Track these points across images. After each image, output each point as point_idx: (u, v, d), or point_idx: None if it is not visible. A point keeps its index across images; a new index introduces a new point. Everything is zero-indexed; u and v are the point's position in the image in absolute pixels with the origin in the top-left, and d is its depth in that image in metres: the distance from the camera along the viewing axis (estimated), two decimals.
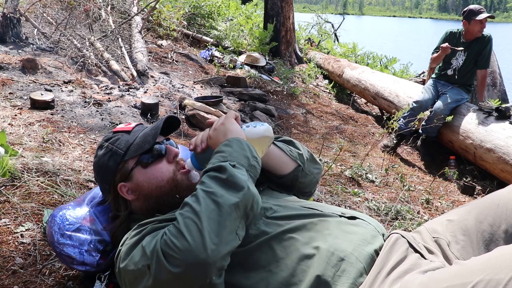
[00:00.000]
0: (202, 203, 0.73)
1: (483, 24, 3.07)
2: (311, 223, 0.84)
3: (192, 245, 0.68)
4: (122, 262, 0.79)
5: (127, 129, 0.99)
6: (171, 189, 0.94)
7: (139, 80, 3.55)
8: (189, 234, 0.68)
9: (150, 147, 0.94)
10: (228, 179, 0.76)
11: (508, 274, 0.59)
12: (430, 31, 29.52)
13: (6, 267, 1.13)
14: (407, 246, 0.81)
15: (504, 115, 2.75)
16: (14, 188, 1.48)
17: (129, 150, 0.95)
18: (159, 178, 0.94)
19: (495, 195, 0.90)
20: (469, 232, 0.85)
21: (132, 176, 0.95)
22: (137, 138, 0.96)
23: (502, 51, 10.44)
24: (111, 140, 0.98)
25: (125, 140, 0.96)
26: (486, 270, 0.62)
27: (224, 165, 0.78)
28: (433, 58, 3.29)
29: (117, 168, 0.95)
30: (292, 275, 0.76)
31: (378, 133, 3.38)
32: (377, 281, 0.75)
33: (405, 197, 2.19)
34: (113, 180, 0.96)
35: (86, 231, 1.02)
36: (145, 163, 0.94)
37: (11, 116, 2.25)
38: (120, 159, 0.95)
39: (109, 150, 0.96)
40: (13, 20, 3.58)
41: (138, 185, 0.95)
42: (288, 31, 6.21)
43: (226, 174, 0.76)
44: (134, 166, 0.94)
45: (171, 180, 0.95)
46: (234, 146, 0.83)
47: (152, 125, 1.00)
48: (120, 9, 5.13)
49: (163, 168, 0.95)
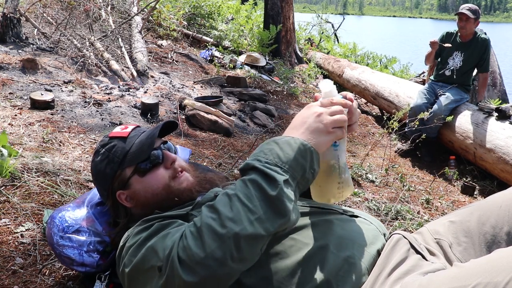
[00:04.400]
0: (234, 216, 0.64)
1: (461, 22, 3.09)
2: (314, 223, 0.84)
3: (212, 260, 0.63)
4: (128, 261, 0.77)
5: (123, 135, 0.96)
6: (168, 195, 0.93)
7: (139, 80, 3.55)
8: (211, 247, 0.63)
9: (146, 157, 0.93)
10: (275, 200, 0.65)
11: (506, 277, 0.59)
12: (430, 31, 29.51)
13: (6, 267, 1.13)
14: (408, 247, 0.81)
15: (504, 115, 2.75)
16: (14, 188, 1.48)
17: (126, 159, 0.93)
18: (154, 186, 0.93)
19: (498, 196, 0.89)
20: (471, 234, 0.84)
21: (130, 184, 0.94)
22: (133, 146, 0.94)
23: (502, 51, 10.45)
24: (107, 147, 0.96)
25: (121, 147, 0.94)
26: (484, 273, 0.62)
27: (277, 178, 0.66)
28: (426, 55, 3.34)
29: (115, 176, 0.94)
30: (294, 275, 0.75)
31: (378, 133, 3.38)
32: (378, 282, 0.74)
33: (405, 197, 2.19)
34: (111, 187, 0.96)
35: (86, 232, 1.02)
36: (142, 172, 0.93)
37: (11, 116, 2.25)
38: (117, 167, 0.93)
39: (106, 157, 0.95)
40: (13, 20, 3.58)
41: (135, 193, 0.94)
42: (288, 31, 6.21)
43: (275, 191, 0.65)
44: (132, 175, 0.93)
45: (167, 187, 0.93)
46: (297, 150, 0.70)
47: (148, 131, 0.97)
48: (120, 9, 5.12)
49: (159, 175, 0.93)
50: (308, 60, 6.42)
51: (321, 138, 0.73)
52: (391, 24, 53.23)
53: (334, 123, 0.74)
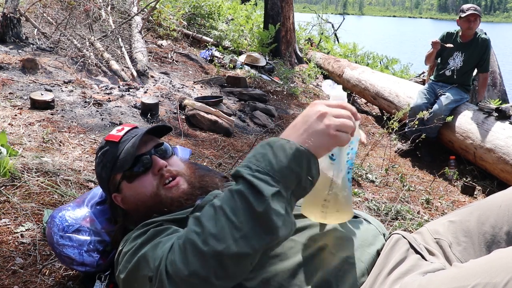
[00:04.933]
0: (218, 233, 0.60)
1: (470, 23, 3.08)
2: (313, 224, 0.84)
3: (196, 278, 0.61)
4: (123, 268, 0.77)
5: (115, 140, 0.96)
6: (156, 204, 0.91)
7: (139, 80, 3.56)
8: (194, 265, 0.61)
9: (130, 165, 0.92)
10: (262, 216, 0.60)
11: (505, 277, 0.59)
12: (430, 31, 29.52)
13: (6, 267, 1.13)
14: (407, 247, 0.81)
15: (504, 115, 2.75)
16: (14, 188, 1.48)
17: (115, 165, 0.94)
18: (142, 194, 0.92)
19: (497, 196, 0.89)
20: (471, 234, 0.84)
21: (121, 189, 0.95)
22: (122, 152, 0.93)
23: (502, 51, 10.44)
24: (102, 151, 0.97)
25: (112, 153, 0.95)
26: (483, 273, 0.62)
27: (265, 192, 0.60)
28: (426, 55, 3.33)
29: (109, 180, 0.96)
30: (294, 276, 0.75)
31: (378, 133, 3.38)
32: (377, 282, 0.75)
33: (405, 197, 2.19)
34: (108, 189, 0.98)
35: (86, 232, 1.03)
36: (129, 178, 0.94)
37: (11, 116, 2.25)
38: (110, 172, 0.95)
39: (101, 161, 0.97)
40: (13, 20, 3.58)
41: (126, 198, 0.95)
42: (288, 31, 6.21)
43: (262, 207, 0.59)
44: (121, 181, 0.94)
45: (154, 195, 0.91)
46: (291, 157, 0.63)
47: (133, 139, 0.95)
48: (120, 9, 5.12)
49: (147, 182, 0.92)
50: (308, 60, 6.42)
51: (321, 141, 0.65)
52: (391, 24, 53.24)
53: (338, 126, 0.66)
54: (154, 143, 0.98)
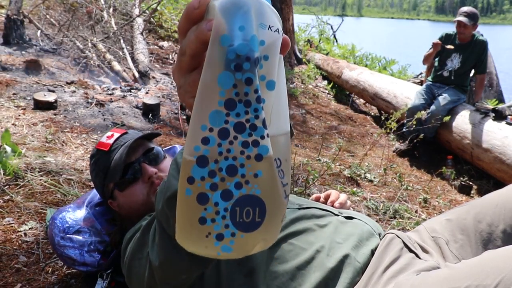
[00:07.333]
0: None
1: (460, 28, 3.11)
2: (310, 227, 0.85)
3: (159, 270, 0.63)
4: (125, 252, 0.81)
5: (105, 148, 0.98)
6: (147, 212, 0.93)
7: (141, 81, 3.58)
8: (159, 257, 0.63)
9: (120, 176, 0.94)
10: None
11: (495, 280, 0.59)
12: (427, 33, 29.56)
13: (10, 265, 1.15)
14: (401, 246, 0.82)
15: (500, 115, 2.77)
16: (18, 187, 1.50)
17: (107, 175, 0.96)
18: (133, 202, 0.95)
19: (494, 195, 0.89)
20: (468, 232, 0.85)
21: (115, 196, 0.98)
22: (112, 161, 0.95)
23: (498, 52, 10.46)
24: (94, 159, 0.99)
25: (104, 162, 0.97)
26: (474, 275, 0.62)
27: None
28: (425, 55, 3.34)
29: (103, 187, 0.99)
30: (292, 279, 0.76)
31: (376, 133, 3.40)
32: (371, 281, 0.75)
33: (403, 196, 2.22)
34: (103, 195, 1.01)
35: (86, 233, 1.04)
36: (120, 187, 0.96)
37: (14, 117, 2.27)
38: (103, 180, 0.97)
39: (94, 169, 1.00)
40: (17, 22, 3.61)
41: (120, 205, 0.98)
42: (287, 33, 6.24)
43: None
44: (113, 189, 0.97)
45: (145, 203, 0.94)
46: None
47: (121, 149, 0.96)
48: (122, 11, 5.15)
49: (137, 191, 0.94)
50: (308, 61, 6.44)
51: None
52: (389, 25, 53.28)
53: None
54: (144, 149, 0.98)
